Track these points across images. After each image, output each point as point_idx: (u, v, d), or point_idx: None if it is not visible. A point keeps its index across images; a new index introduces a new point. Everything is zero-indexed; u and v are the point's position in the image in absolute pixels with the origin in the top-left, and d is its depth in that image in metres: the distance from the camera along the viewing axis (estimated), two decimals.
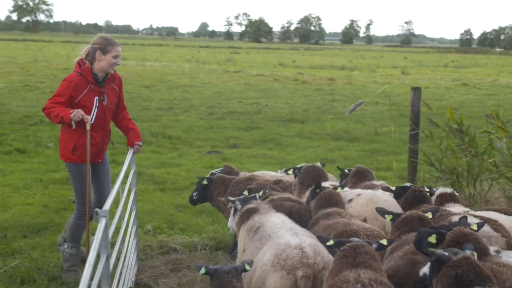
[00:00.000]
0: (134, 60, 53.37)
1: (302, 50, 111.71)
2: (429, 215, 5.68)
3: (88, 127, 6.84)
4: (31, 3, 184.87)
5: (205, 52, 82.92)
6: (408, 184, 7.14)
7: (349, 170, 8.47)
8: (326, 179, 7.41)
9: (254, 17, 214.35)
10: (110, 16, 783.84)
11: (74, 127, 6.82)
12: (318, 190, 6.45)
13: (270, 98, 26.95)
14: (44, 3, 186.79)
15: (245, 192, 6.94)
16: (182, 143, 16.04)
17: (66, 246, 7.19)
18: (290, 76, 38.26)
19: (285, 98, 26.84)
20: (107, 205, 4.56)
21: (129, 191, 6.79)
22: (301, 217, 6.27)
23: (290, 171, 7.60)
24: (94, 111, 7.08)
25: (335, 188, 6.73)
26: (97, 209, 4.43)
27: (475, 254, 4.39)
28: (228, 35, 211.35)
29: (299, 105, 24.48)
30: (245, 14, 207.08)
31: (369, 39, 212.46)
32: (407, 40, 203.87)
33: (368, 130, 18.73)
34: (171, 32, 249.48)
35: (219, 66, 48.51)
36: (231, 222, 6.42)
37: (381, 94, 25.55)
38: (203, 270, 4.64)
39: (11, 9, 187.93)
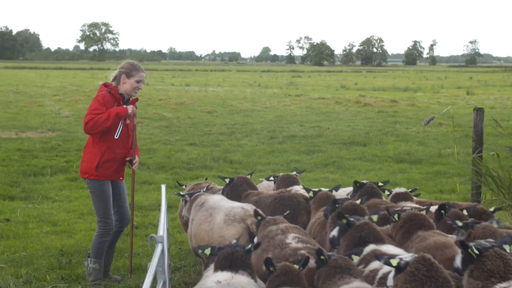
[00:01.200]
0: (197, 86, 54.18)
1: (364, 72, 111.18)
2: (358, 201, 6.89)
3: (135, 121, 7.70)
4: (98, 33, 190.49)
5: (267, 76, 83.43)
6: (364, 181, 7.92)
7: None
8: (298, 185, 8.48)
9: (316, 40, 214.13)
10: (174, 43, 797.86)
11: (117, 135, 7.46)
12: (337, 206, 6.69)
13: (332, 121, 26.86)
14: (110, 32, 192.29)
15: None
16: (243, 167, 16.07)
17: (90, 261, 7.54)
18: (352, 99, 38.06)
19: (346, 121, 26.70)
20: (160, 231, 4.64)
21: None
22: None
23: (271, 178, 8.73)
24: (120, 127, 7.51)
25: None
26: (153, 235, 4.52)
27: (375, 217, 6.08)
28: (290, 59, 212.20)
29: (361, 127, 24.29)
30: (306, 37, 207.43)
31: (433, 60, 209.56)
32: (472, 59, 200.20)
33: (431, 152, 18.39)
34: (234, 57, 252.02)
35: (281, 90, 48.68)
36: (185, 211, 8.10)
37: (445, 115, 25.08)
38: (208, 251, 4.79)
39: (79, 39, 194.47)
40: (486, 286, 4.43)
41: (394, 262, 4.55)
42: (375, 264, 5.19)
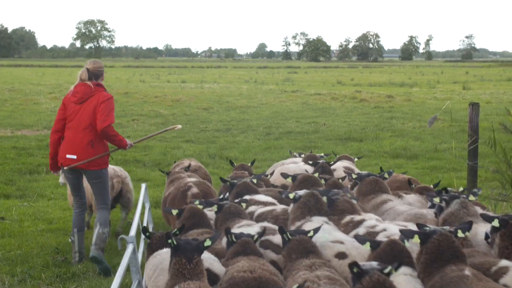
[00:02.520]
0: (193, 82, 54.12)
1: (360, 68, 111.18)
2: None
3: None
4: (93, 30, 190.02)
5: (263, 72, 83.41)
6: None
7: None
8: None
9: (312, 36, 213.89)
10: (170, 40, 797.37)
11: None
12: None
13: (328, 117, 26.84)
14: (106, 29, 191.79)
15: None
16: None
17: (106, 230, 8.28)
18: (348, 95, 38.05)
19: (343, 117, 26.70)
20: (132, 231, 4.63)
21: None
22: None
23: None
24: None
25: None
26: (123, 236, 4.54)
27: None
28: (286, 55, 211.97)
29: (357, 123, 24.29)
30: (302, 33, 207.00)
31: (429, 55, 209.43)
32: (468, 54, 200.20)
33: (427, 147, 18.39)
34: (230, 54, 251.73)
35: (277, 86, 48.65)
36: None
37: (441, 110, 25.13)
38: (208, 242, 4.80)
39: (75, 36, 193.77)
40: None
41: (291, 195, 6.59)
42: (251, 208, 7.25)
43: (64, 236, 9.58)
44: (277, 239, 5.78)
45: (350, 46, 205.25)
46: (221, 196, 7.39)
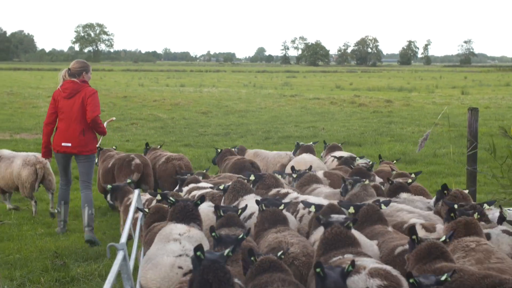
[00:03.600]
0: (192, 86, 54.13)
1: (359, 72, 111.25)
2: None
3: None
4: (92, 34, 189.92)
5: (262, 77, 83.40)
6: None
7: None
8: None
9: (311, 40, 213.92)
10: (169, 43, 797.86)
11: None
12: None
13: (327, 121, 26.85)
14: (105, 33, 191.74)
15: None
16: None
17: (92, 209, 9.70)
18: (347, 99, 38.07)
19: (341, 121, 26.71)
20: (123, 238, 4.61)
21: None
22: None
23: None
24: None
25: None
26: (113, 244, 4.55)
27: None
28: (285, 59, 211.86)
29: (356, 128, 24.29)
30: (301, 38, 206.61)
31: (428, 60, 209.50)
32: (467, 59, 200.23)
33: (426, 152, 18.36)
34: (228, 58, 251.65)
35: (276, 91, 48.67)
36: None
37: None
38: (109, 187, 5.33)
39: (74, 40, 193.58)
40: None
41: (221, 187, 8.13)
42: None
43: (63, 240, 9.58)
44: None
45: (349, 50, 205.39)
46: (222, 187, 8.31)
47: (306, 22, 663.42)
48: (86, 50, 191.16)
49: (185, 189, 8.99)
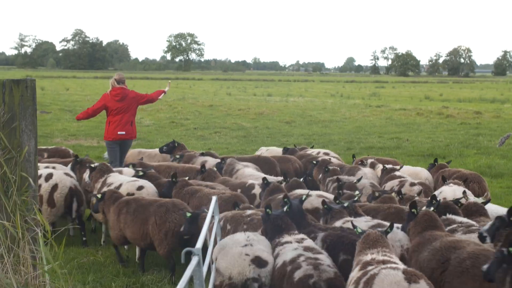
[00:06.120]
0: (279, 96, 54.33)
1: (450, 83, 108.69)
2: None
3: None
4: (183, 44, 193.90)
5: (350, 87, 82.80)
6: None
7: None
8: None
9: (401, 50, 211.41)
10: (258, 53, 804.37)
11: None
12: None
13: (412, 132, 26.33)
14: (196, 43, 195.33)
15: None
16: None
17: None
18: (434, 110, 37.22)
19: (427, 133, 26.12)
20: (199, 243, 4.60)
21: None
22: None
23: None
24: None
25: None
26: (189, 248, 4.54)
27: None
28: (374, 69, 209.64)
29: (442, 139, 23.69)
30: (391, 48, 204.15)
31: None
32: None
33: None
34: (317, 68, 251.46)
35: (363, 101, 48.17)
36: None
37: None
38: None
39: (165, 49, 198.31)
40: None
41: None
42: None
43: (134, 247, 9.74)
44: None
45: (441, 60, 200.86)
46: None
47: (396, 32, 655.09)
48: (177, 59, 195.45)
49: None
